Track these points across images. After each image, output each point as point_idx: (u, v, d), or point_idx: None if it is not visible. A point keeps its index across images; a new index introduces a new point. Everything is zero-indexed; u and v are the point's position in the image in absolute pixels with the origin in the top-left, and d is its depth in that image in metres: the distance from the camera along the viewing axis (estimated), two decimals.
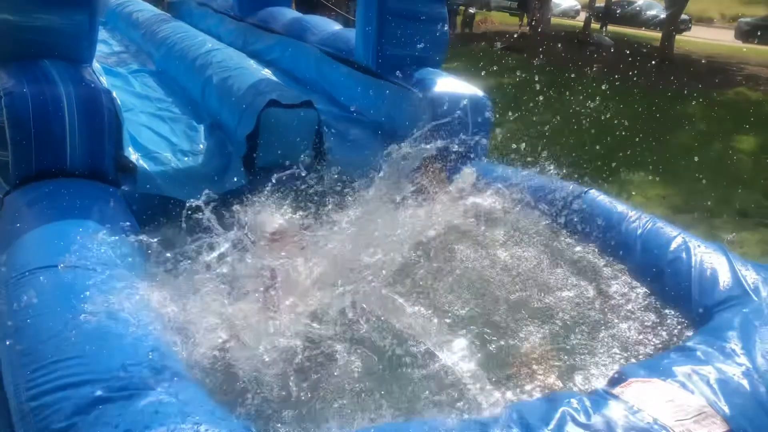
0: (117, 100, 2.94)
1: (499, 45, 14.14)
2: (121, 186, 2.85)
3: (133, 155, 3.03)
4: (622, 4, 24.46)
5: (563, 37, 15.37)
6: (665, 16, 16.57)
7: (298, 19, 5.12)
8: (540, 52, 11.28)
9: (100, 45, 4.36)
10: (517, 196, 3.17)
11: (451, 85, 3.56)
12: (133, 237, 2.27)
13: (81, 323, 1.71)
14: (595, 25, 19.24)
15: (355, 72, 4.03)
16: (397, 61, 3.69)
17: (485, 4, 20.35)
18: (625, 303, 2.55)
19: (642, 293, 2.61)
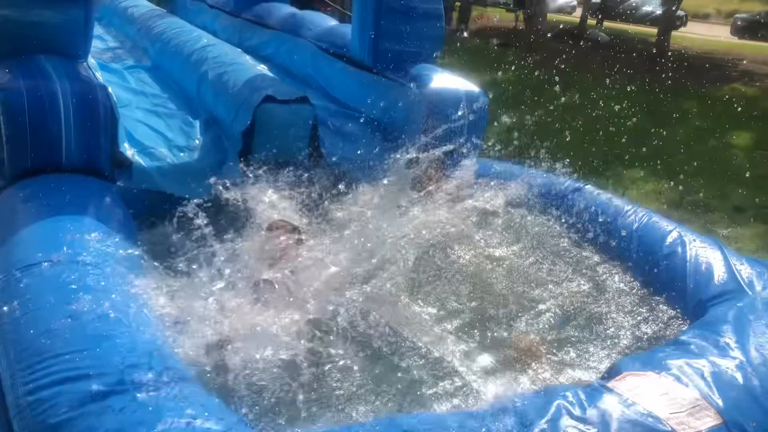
0: (113, 96, 2.93)
1: (495, 41, 14.14)
2: (116, 182, 2.84)
3: (128, 151, 3.02)
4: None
5: (559, 33, 15.34)
6: (661, 12, 16.57)
7: (293, 14, 5.11)
8: (535, 48, 11.27)
9: (96, 41, 4.35)
10: (514, 192, 3.18)
11: (447, 80, 3.56)
12: (129, 232, 2.27)
13: (77, 318, 1.71)
14: (591, 21, 19.25)
15: (350, 68, 4.03)
16: (392, 56, 3.69)
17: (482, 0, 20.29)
18: (620, 297, 2.57)
19: (637, 287, 2.62)
